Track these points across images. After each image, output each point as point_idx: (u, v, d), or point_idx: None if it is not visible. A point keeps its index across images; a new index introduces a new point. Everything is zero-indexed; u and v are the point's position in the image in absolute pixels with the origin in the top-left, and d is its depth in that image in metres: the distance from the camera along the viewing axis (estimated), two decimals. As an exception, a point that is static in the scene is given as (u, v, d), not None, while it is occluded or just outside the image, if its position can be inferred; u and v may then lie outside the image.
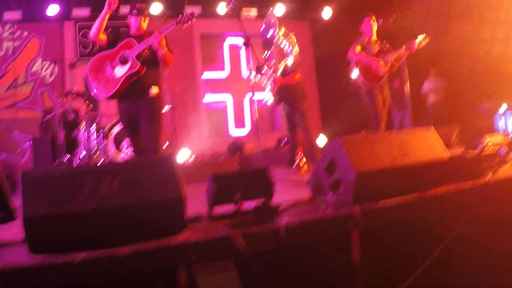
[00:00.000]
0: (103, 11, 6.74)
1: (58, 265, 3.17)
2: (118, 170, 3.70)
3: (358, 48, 9.44)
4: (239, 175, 4.63)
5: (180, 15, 7.06)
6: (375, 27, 9.57)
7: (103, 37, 6.98)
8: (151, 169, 3.82)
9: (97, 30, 6.85)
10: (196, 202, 5.47)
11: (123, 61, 6.88)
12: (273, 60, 10.46)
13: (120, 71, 6.85)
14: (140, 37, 6.98)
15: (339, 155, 4.56)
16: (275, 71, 10.28)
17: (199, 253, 3.49)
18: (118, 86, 6.81)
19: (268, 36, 9.70)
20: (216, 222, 4.12)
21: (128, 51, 6.86)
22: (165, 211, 3.69)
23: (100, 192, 3.54)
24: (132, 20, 7.17)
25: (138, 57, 6.83)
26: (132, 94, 6.94)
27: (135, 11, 7.13)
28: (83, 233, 3.47)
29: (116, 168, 3.75)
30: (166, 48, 6.91)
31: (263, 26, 9.62)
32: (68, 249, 3.30)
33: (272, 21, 9.59)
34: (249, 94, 7.43)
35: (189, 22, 7.04)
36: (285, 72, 10.30)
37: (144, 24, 7.19)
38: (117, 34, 7.30)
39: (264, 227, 3.79)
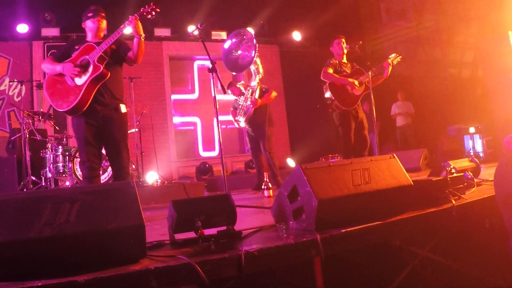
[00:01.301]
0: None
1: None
2: (77, 196, 3.64)
3: (331, 70, 9.43)
4: (200, 201, 4.58)
5: (143, 7, 6.60)
6: (345, 49, 9.59)
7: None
8: (111, 195, 3.76)
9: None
10: (160, 227, 5.44)
11: (84, 67, 6.40)
12: (242, 81, 10.61)
13: (82, 78, 6.39)
14: (98, 44, 6.52)
15: (300, 182, 4.54)
16: (253, 93, 10.41)
17: (158, 281, 3.44)
18: (81, 95, 6.31)
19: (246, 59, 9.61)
20: (177, 250, 4.07)
21: (87, 56, 6.42)
22: (125, 238, 3.63)
23: (58, 218, 3.48)
24: (89, 24, 6.70)
25: (100, 59, 6.41)
26: (100, 107, 6.49)
27: (90, 14, 6.67)
28: (41, 260, 3.40)
29: (75, 194, 3.68)
30: (143, 35, 6.56)
31: (231, 45, 9.48)
32: (26, 277, 3.23)
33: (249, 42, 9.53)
34: (218, 117, 7.21)
35: (153, 13, 6.60)
36: (262, 92, 10.46)
37: (103, 25, 6.75)
38: (68, 45, 6.75)
39: (225, 255, 3.74)
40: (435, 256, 5.41)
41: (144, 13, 6.56)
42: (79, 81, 6.39)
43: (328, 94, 9.42)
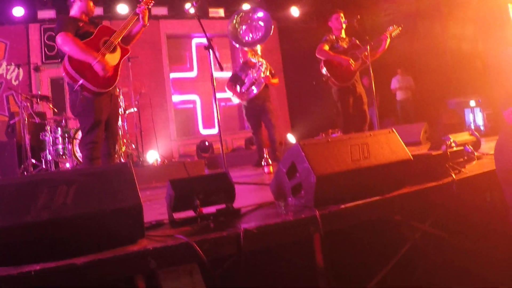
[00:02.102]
0: None
1: (13, 277, 3.07)
2: (74, 179, 3.61)
3: (326, 47, 9.38)
4: (199, 180, 4.54)
5: None
6: (344, 24, 9.53)
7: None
8: (108, 177, 3.73)
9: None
10: (160, 207, 5.43)
11: (108, 49, 6.44)
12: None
13: (113, 58, 6.49)
14: (93, 24, 6.67)
15: (298, 159, 4.51)
16: (266, 69, 10.49)
17: (157, 261, 3.42)
18: (118, 76, 6.50)
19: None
20: (176, 229, 4.05)
21: (108, 37, 6.51)
22: (122, 219, 3.61)
23: (55, 201, 3.45)
24: (82, 5, 6.61)
25: (121, 41, 6.63)
26: (110, 87, 6.51)
27: None
28: (39, 244, 3.37)
29: (72, 176, 3.65)
30: (147, 24, 6.82)
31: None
32: (24, 261, 3.22)
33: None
34: (215, 94, 7.26)
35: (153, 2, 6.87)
36: (272, 73, 10.55)
37: (93, 7, 6.75)
38: (73, 23, 6.51)
39: (223, 233, 3.72)
40: (436, 230, 5.39)
41: (148, 2, 6.79)
42: (113, 60, 6.46)
43: (324, 71, 9.39)
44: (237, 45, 10.57)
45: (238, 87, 10.71)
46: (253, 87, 10.51)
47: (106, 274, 3.30)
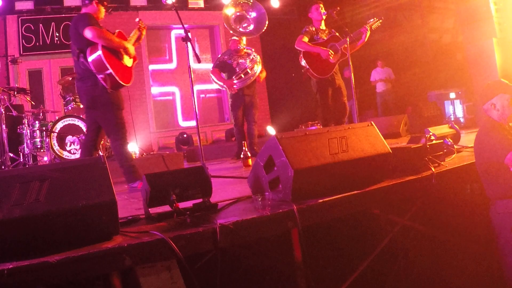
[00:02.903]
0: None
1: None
2: (46, 175, 3.54)
3: (306, 38, 9.33)
4: (175, 174, 4.48)
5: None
6: (323, 15, 9.48)
7: None
8: (81, 172, 3.66)
9: None
10: (137, 201, 5.36)
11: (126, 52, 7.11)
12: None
13: (129, 61, 7.23)
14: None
15: (276, 152, 4.46)
16: (259, 62, 10.54)
17: (132, 258, 3.37)
18: (132, 74, 7.20)
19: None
20: (152, 225, 3.99)
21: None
22: (96, 215, 3.54)
23: (28, 198, 3.38)
24: (96, 8, 7.08)
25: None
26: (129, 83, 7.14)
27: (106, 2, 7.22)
28: (12, 241, 3.30)
29: (44, 172, 3.58)
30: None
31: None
32: (-4, 258, 3.15)
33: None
34: (196, 86, 7.43)
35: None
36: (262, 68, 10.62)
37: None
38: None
39: (199, 229, 3.67)
40: (415, 224, 5.38)
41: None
42: (128, 62, 7.20)
43: (303, 63, 9.35)
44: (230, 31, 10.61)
45: (224, 75, 10.60)
46: (245, 76, 10.44)
47: (80, 271, 3.24)
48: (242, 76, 10.39)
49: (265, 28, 9.90)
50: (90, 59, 6.62)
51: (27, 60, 14.27)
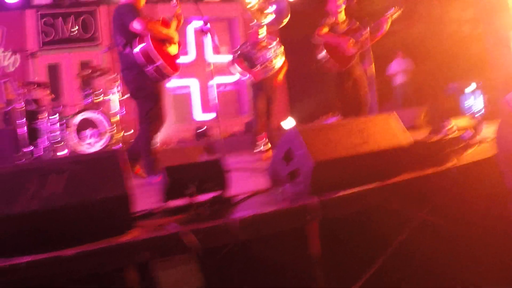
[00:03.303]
0: None
1: (3, 269, 3.01)
2: (63, 168, 3.52)
3: (325, 29, 9.26)
4: (193, 166, 4.47)
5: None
6: (342, 6, 9.40)
7: None
8: (98, 165, 3.64)
9: None
10: (154, 194, 5.33)
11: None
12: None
13: (174, 49, 7.14)
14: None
15: (296, 144, 4.42)
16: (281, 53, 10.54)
17: (148, 251, 3.35)
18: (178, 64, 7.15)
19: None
20: (169, 218, 3.97)
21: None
22: (113, 209, 3.53)
23: (45, 191, 3.37)
24: None
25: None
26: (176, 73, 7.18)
27: None
28: (29, 235, 3.30)
29: (61, 166, 3.56)
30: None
31: None
32: (13, 252, 3.14)
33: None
34: (215, 79, 7.40)
35: None
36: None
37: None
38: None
39: (217, 222, 3.65)
40: (434, 218, 5.32)
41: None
42: (173, 50, 7.12)
43: (322, 54, 9.27)
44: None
45: (247, 64, 10.51)
46: (267, 68, 10.42)
47: (97, 265, 3.25)
48: (263, 66, 10.34)
49: (286, 19, 9.84)
50: (137, 49, 6.67)
51: (46, 54, 14.31)
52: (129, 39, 6.74)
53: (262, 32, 10.49)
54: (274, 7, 9.83)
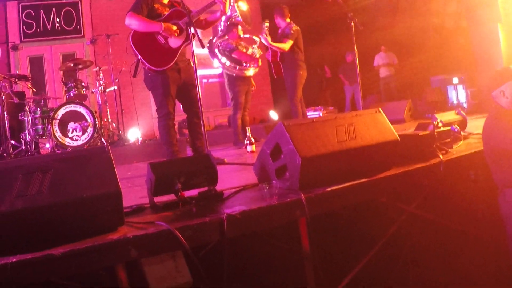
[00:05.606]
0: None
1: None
2: (49, 165, 3.46)
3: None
4: (180, 162, 4.43)
5: None
6: None
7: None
8: (84, 162, 3.58)
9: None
10: (141, 189, 5.30)
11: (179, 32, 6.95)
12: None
13: (176, 41, 6.93)
14: (171, 7, 7.12)
15: (283, 140, 4.40)
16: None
17: (138, 250, 3.31)
18: (176, 57, 6.88)
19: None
20: (157, 214, 3.93)
21: (179, 21, 6.97)
22: (101, 207, 3.47)
23: (31, 190, 3.31)
24: None
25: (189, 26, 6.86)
26: (181, 64, 7.04)
27: None
28: (15, 234, 3.24)
29: (47, 162, 3.50)
30: (228, 13, 7.56)
31: None
32: (1, 252, 3.08)
33: None
34: (199, 71, 7.33)
35: None
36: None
37: None
38: (149, 3, 7.04)
39: (206, 219, 3.61)
40: (422, 212, 5.33)
41: None
42: (174, 43, 6.94)
43: None
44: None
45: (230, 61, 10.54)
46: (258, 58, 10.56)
47: (85, 264, 3.19)
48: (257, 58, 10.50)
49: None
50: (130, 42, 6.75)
51: (28, 47, 14.20)
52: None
53: (239, 30, 10.68)
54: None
